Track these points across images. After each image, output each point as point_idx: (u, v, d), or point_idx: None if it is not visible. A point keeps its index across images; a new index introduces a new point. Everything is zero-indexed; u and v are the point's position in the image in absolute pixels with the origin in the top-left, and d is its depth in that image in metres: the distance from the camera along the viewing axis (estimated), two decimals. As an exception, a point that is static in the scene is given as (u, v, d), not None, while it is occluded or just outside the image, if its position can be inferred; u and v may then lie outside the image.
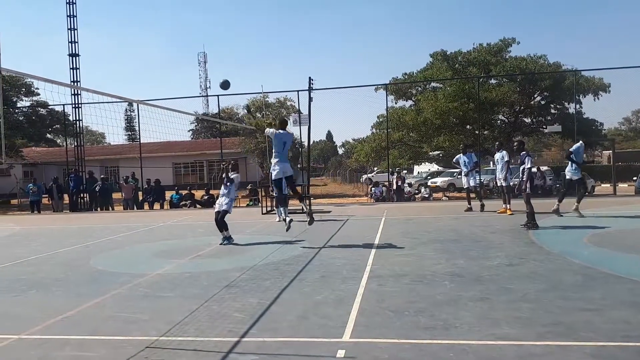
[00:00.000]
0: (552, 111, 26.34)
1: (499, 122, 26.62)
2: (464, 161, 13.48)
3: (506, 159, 12.50)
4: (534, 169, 9.98)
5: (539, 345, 3.85)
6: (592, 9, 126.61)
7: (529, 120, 26.99)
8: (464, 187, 14.03)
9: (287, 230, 8.96)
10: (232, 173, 9.70)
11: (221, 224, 9.41)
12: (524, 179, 9.86)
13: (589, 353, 3.66)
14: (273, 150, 8.81)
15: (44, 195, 22.48)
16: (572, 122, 21.01)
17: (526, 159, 9.83)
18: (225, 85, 10.95)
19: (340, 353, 3.82)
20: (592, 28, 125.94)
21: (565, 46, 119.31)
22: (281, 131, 8.81)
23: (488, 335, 4.08)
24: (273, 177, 8.88)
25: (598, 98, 24.06)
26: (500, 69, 24.23)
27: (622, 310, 4.62)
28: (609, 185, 24.34)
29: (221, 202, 9.56)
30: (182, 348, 4.09)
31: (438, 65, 25.70)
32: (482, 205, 13.32)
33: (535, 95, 25.84)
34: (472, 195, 13.93)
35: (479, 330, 4.22)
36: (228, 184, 9.56)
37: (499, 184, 13.15)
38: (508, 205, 12.52)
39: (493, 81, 25.26)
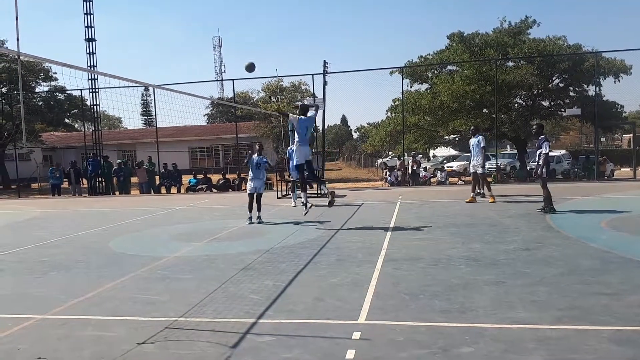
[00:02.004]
0: (571, 94, 25.81)
1: (516, 105, 26.21)
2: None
3: (482, 144, 11.86)
4: (551, 153, 9.54)
5: (555, 329, 3.84)
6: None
7: (547, 103, 26.48)
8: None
9: (304, 215, 9.21)
10: (257, 155, 10.22)
11: (259, 206, 10.11)
12: (540, 164, 9.74)
13: (606, 337, 3.65)
14: (296, 135, 9.08)
15: (64, 180, 22.85)
16: (592, 105, 20.61)
17: (544, 144, 9.68)
18: (250, 67, 11.05)
19: (356, 335, 3.86)
20: (615, 8, 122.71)
21: (586, 27, 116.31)
22: (303, 117, 9.10)
23: (504, 319, 4.08)
24: (296, 162, 9.19)
25: (619, 80, 23.49)
26: (518, 51, 23.77)
27: (641, 294, 4.58)
28: (629, 169, 23.94)
29: (257, 185, 10.13)
30: (200, 329, 4.17)
31: (455, 47, 25.30)
32: (481, 194, 12.62)
33: (554, 78, 25.32)
34: (489, 179, 13.70)
35: (494, 313, 4.22)
36: (259, 165, 10.18)
37: (472, 171, 12.33)
38: (490, 192, 11.96)
39: (510, 63, 24.82)
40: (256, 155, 10.20)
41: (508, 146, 35.65)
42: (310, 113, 9.30)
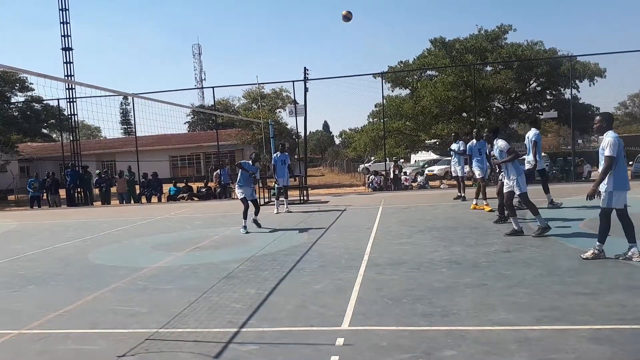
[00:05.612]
0: (548, 97, 26.33)
1: (494, 109, 26.60)
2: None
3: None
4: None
5: (535, 329, 3.89)
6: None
7: (525, 106, 26.96)
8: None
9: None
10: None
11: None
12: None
13: (585, 336, 3.70)
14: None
15: (43, 191, 22.41)
16: (568, 107, 21.02)
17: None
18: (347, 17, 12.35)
19: (340, 341, 3.85)
20: (589, 13, 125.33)
21: (562, 32, 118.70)
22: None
23: (485, 321, 4.12)
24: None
25: (594, 83, 24.05)
26: (496, 55, 24.16)
27: (618, 293, 4.66)
28: (605, 170, 24.34)
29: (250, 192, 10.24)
30: (182, 339, 4.12)
31: (435, 52, 25.61)
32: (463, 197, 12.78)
33: (531, 82, 25.81)
34: (468, 183, 13.82)
35: (476, 316, 4.26)
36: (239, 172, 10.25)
37: (480, 175, 11.65)
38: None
39: (489, 68, 25.20)
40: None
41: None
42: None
